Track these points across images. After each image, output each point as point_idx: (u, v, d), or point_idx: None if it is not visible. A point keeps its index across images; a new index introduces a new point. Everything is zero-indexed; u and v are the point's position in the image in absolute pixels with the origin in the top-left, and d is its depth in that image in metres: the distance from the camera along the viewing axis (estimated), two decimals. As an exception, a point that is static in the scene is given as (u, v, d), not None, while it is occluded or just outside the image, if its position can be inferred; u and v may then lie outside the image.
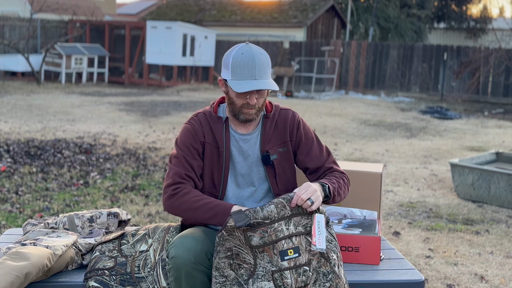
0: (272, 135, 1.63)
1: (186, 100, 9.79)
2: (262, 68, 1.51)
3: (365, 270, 1.67)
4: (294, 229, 1.41)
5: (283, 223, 1.41)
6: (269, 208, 1.41)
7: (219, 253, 1.40)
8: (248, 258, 1.39)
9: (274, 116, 1.64)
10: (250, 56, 1.50)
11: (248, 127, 1.63)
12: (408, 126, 7.69)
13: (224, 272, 1.40)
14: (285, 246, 1.39)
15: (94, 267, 1.60)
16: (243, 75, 1.50)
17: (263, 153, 1.61)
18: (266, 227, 1.39)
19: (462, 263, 2.69)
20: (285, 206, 1.43)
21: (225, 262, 1.39)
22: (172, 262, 1.43)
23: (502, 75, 11.69)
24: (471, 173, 3.81)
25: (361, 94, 12.34)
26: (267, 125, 1.62)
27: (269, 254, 1.39)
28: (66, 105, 8.44)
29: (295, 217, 1.42)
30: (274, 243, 1.38)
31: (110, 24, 14.14)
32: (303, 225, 1.43)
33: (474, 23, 20.05)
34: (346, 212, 1.92)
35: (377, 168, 2.10)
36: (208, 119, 1.62)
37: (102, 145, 5.38)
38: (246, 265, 1.39)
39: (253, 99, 1.53)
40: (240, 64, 1.50)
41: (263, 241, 1.39)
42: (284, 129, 1.64)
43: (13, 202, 3.44)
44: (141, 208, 3.42)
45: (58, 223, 1.81)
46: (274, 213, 1.41)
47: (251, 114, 1.56)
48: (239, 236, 1.39)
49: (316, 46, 13.45)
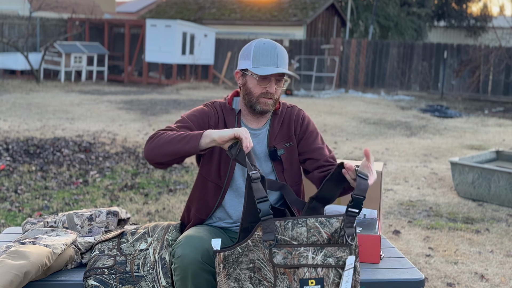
0: (279, 131, 1.64)
1: (185, 99, 9.78)
2: (283, 58, 1.56)
3: (365, 268, 1.67)
4: (323, 260, 1.29)
5: (311, 250, 1.29)
6: (299, 229, 1.30)
7: (241, 264, 1.31)
8: (269, 276, 1.30)
9: (282, 113, 1.66)
10: (272, 45, 1.55)
11: (259, 122, 1.64)
12: (408, 124, 7.69)
13: (243, 285, 1.32)
14: (307, 275, 1.28)
15: (94, 266, 1.60)
16: (266, 62, 1.54)
17: (270, 148, 1.62)
18: (291, 248, 1.29)
19: (462, 261, 2.69)
20: (320, 232, 1.30)
21: (246, 274, 1.32)
22: (179, 261, 1.42)
23: (502, 74, 11.69)
24: (471, 171, 3.80)
25: (361, 93, 12.33)
26: (275, 121, 1.64)
27: (289, 278, 1.29)
28: (66, 104, 8.43)
29: (330, 247, 1.30)
30: (295, 268, 1.28)
31: (110, 22, 14.12)
32: (336, 257, 1.30)
33: (474, 21, 20.03)
34: (346, 211, 1.92)
35: (377, 167, 2.10)
36: (223, 108, 1.64)
37: (101, 144, 5.37)
38: (267, 283, 1.31)
39: (273, 87, 1.55)
40: (262, 52, 1.53)
41: (285, 262, 1.29)
42: (289, 125, 1.65)
43: (12, 200, 3.43)
44: (140, 206, 3.41)
45: (57, 222, 1.81)
46: (303, 237, 1.30)
47: (268, 104, 1.57)
48: (264, 250, 1.30)
49: (316, 45, 13.44)
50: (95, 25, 14.28)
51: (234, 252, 1.32)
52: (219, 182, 1.61)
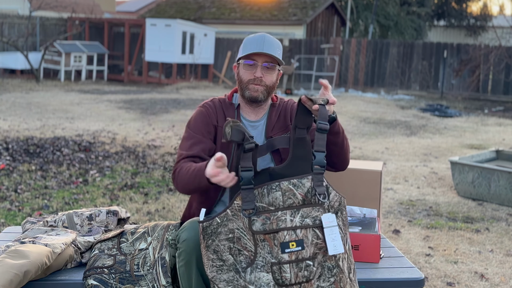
0: (276, 122, 1.67)
1: (185, 98, 9.77)
2: (271, 45, 1.60)
3: (365, 268, 1.67)
4: (301, 221, 1.31)
5: (289, 213, 1.31)
6: (274, 194, 1.32)
7: (220, 235, 1.31)
8: (249, 245, 1.31)
9: (279, 106, 1.70)
10: (260, 36, 1.62)
11: (257, 114, 1.67)
12: (408, 124, 7.69)
13: (222, 256, 1.32)
14: (287, 238, 1.30)
15: (93, 265, 1.60)
16: (252, 48, 1.59)
17: (268, 139, 1.64)
18: (269, 213, 1.30)
19: (462, 261, 2.69)
20: (295, 194, 1.32)
21: (225, 245, 1.32)
22: (184, 245, 1.43)
23: (502, 73, 11.68)
24: (471, 171, 3.80)
25: (360, 92, 12.32)
26: (273, 113, 1.68)
27: (270, 244, 1.30)
28: (65, 103, 8.42)
29: (305, 208, 1.32)
30: (274, 233, 1.29)
31: (109, 21, 14.11)
32: (312, 217, 1.32)
33: (474, 20, 20.02)
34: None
35: (377, 166, 2.10)
36: (222, 104, 1.68)
37: (101, 143, 5.37)
38: (247, 252, 1.31)
39: (259, 72, 1.58)
40: (251, 41, 1.62)
41: (264, 228, 1.30)
42: (285, 116, 1.69)
43: (12, 200, 3.43)
44: (140, 206, 3.41)
45: (57, 221, 1.81)
46: (279, 201, 1.32)
47: (257, 90, 1.60)
48: (243, 218, 1.30)
49: (315, 44, 13.43)
50: (95, 25, 14.27)
51: (212, 223, 1.32)
52: None
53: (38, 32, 13.22)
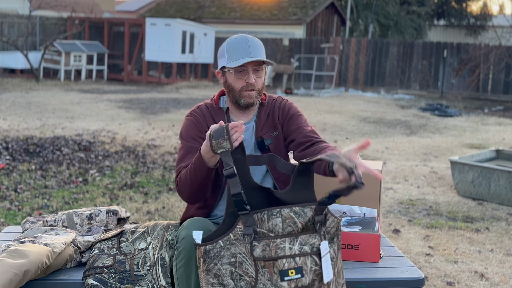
0: (265, 122, 1.67)
1: (185, 98, 9.77)
2: (256, 48, 1.57)
3: (365, 268, 1.66)
4: (299, 248, 1.29)
5: (288, 240, 1.29)
6: (274, 221, 1.30)
7: (223, 258, 1.29)
8: (251, 270, 1.29)
9: (268, 105, 1.69)
10: (243, 38, 1.57)
11: (247, 115, 1.67)
12: (408, 123, 7.68)
13: (223, 280, 1.29)
14: (286, 265, 1.28)
15: (93, 265, 1.60)
16: (239, 55, 1.55)
17: (258, 139, 1.64)
18: (269, 240, 1.28)
19: (462, 260, 2.69)
20: (296, 222, 1.30)
21: (227, 270, 1.29)
22: (184, 242, 1.42)
23: (502, 72, 11.68)
24: (471, 170, 3.80)
25: (360, 91, 12.32)
26: (262, 113, 1.67)
27: (270, 271, 1.28)
28: (65, 103, 8.42)
29: (303, 235, 1.30)
30: (274, 260, 1.28)
31: (109, 21, 14.10)
32: (310, 245, 1.30)
33: (474, 20, 20.01)
34: (346, 210, 1.92)
35: (376, 166, 2.10)
36: (210, 110, 1.66)
37: (101, 143, 5.36)
38: (248, 277, 1.29)
39: (251, 78, 1.56)
40: (235, 46, 1.57)
41: (263, 254, 1.28)
42: (274, 114, 1.68)
43: (12, 199, 3.43)
44: (140, 205, 3.41)
45: (57, 221, 1.81)
46: (279, 228, 1.30)
47: (252, 96, 1.59)
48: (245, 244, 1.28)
49: (315, 43, 13.42)
50: (94, 24, 14.26)
51: (216, 246, 1.30)
52: (218, 181, 1.62)
53: (38, 32, 13.21)
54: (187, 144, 1.61)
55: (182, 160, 1.59)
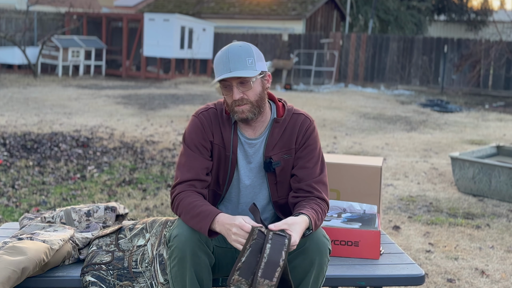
0: (278, 141, 1.54)
1: (184, 93, 9.74)
2: (237, 60, 1.46)
3: (365, 264, 1.65)
4: None
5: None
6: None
7: None
8: None
9: (285, 121, 1.55)
10: (224, 52, 1.48)
11: (255, 130, 1.55)
12: (408, 119, 7.67)
13: None
14: None
15: (91, 262, 1.58)
16: (220, 71, 1.48)
17: (266, 159, 1.54)
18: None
19: (462, 257, 2.68)
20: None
21: None
22: (176, 241, 1.39)
23: (503, 68, 11.65)
24: (472, 166, 3.79)
25: (360, 87, 12.29)
26: (275, 130, 1.54)
27: None
28: (63, 98, 8.38)
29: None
30: None
31: (108, 16, 14.03)
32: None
33: (475, 15, 19.95)
34: (346, 206, 1.90)
35: (376, 162, 2.08)
36: (219, 117, 1.56)
37: (99, 139, 5.34)
38: None
39: (235, 94, 1.46)
40: (218, 62, 1.50)
41: None
42: (292, 135, 1.54)
43: (9, 196, 3.41)
44: (138, 202, 3.39)
45: (55, 217, 1.79)
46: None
47: (243, 111, 1.48)
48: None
49: (315, 39, 13.38)
50: (93, 19, 14.19)
51: None
52: (218, 190, 1.59)
53: (36, 27, 13.15)
54: (189, 152, 1.53)
55: (181, 168, 1.51)
